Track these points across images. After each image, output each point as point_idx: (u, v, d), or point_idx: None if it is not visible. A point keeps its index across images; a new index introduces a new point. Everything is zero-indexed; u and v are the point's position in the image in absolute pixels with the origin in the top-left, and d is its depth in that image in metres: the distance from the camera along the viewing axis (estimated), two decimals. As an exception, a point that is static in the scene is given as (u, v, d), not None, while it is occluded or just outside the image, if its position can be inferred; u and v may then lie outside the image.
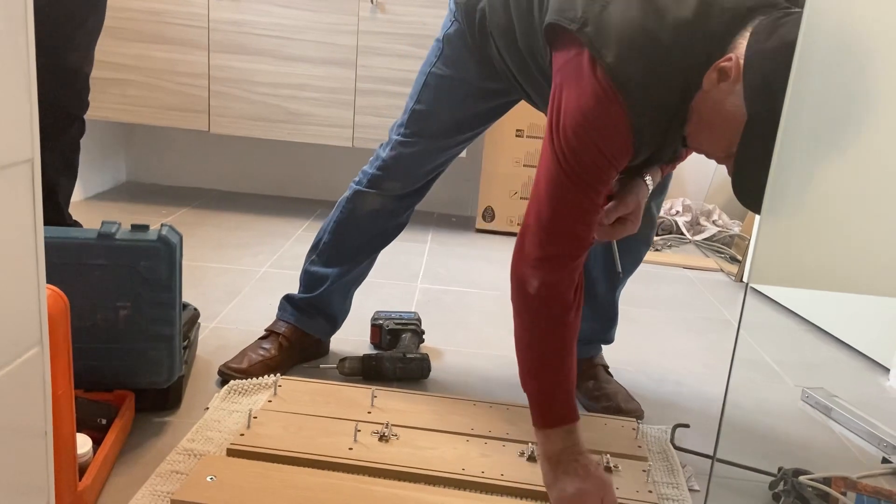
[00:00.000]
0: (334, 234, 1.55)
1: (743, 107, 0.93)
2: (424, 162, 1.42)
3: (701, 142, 1.04)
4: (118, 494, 1.10)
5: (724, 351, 1.91)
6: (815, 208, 0.88)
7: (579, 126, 1.02)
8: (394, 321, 1.70)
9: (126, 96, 2.67)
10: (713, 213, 3.13)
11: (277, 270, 2.20)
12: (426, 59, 1.43)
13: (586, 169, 1.03)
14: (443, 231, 2.84)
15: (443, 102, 1.38)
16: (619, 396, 1.51)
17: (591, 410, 1.50)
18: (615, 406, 1.48)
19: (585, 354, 1.58)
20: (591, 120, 1.01)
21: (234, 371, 1.48)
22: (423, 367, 1.56)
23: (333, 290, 1.57)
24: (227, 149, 3.15)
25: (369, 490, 1.13)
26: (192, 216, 2.74)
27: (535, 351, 1.13)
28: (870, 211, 0.88)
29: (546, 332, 1.11)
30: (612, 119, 1.00)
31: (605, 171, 1.04)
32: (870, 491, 1.22)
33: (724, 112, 0.96)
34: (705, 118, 1.00)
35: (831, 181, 0.87)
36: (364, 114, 2.69)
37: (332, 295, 1.57)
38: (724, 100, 0.96)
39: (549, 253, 1.07)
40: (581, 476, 1.06)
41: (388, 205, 1.51)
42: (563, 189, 1.05)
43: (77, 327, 1.01)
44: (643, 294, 2.32)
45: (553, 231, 1.07)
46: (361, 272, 1.60)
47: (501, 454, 1.27)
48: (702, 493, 1.25)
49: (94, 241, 1.19)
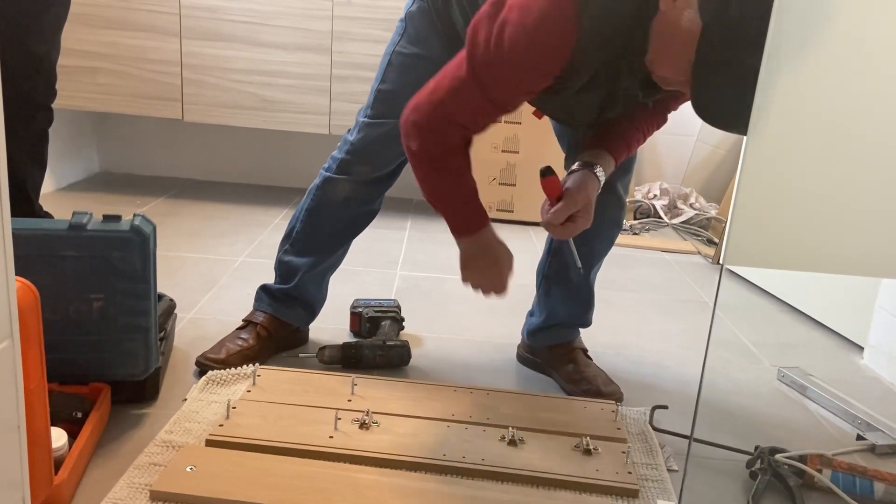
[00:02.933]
0: (306, 222, 1.54)
1: (697, 18, 0.94)
2: (393, 143, 1.41)
3: (663, 68, 1.05)
4: (96, 487, 1.09)
5: (701, 333, 1.93)
6: (790, 190, 0.89)
7: (524, 17, 1.03)
8: (373, 309, 1.70)
9: (96, 84, 2.62)
10: (690, 196, 3.16)
11: (255, 260, 2.18)
12: (390, 39, 1.44)
13: (504, 64, 1.07)
14: (422, 217, 2.83)
15: (408, 81, 1.36)
16: (598, 380, 1.52)
17: (571, 394, 1.51)
18: (595, 389, 1.49)
19: (564, 339, 1.58)
20: (538, 13, 1.03)
21: (211, 362, 1.47)
22: (403, 354, 1.56)
23: (308, 280, 1.56)
24: (201, 137, 3.11)
25: (351, 477, 1.13)
26: (168, 206, 2.71)
27: (431, 186, 1.27)
28: (843, 192, 0.89)
29: (437, 174, 1.26)
30: (559, 20, 1.02)
31: (522, 75, 1.09)
32: (845, 468, 1.24)
33: (681, 28, 0.97)
34: (665, 40, 1.01)
35: (806, 163, 0.88)
36: (340, 100, 2.67)
37: (308, 284, 1.56)
38: (679, 16, 0.97)
39: (428, 126, 1.19)
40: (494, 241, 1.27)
41: (359, 191, 1.50)
42: (464, 85, 1.12)
43: (49, 320, 0.99)
44: (621, 278, 2.33)
45: (439, 115, 1.17)
46: (336, 260, 1.60)
47: (482, 439, 1.27)
48: (680, 472, 1.26)
49: (65, 233, 1.17)
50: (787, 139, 0.85)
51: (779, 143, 0.86)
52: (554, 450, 1.25)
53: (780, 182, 0.88)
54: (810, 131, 0.85)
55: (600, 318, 1.91)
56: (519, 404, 1.40)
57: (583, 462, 1.22)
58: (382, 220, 1.56)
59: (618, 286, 2.24)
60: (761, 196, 0.88)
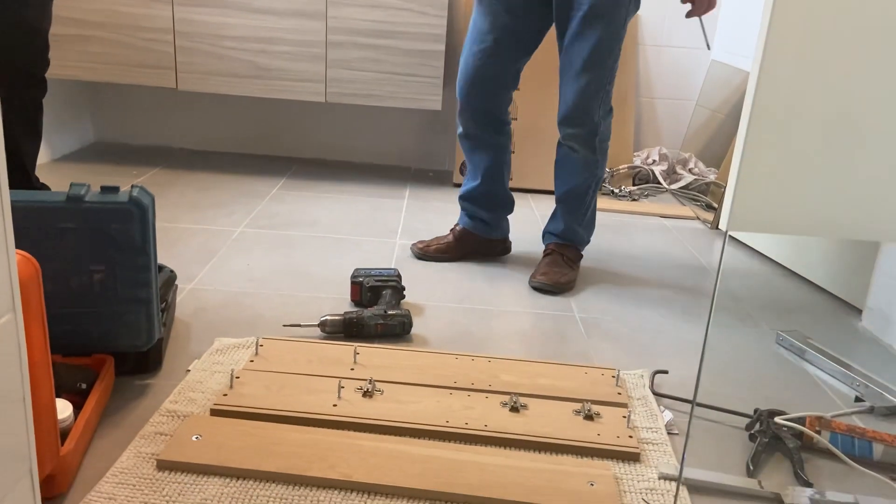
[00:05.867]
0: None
1: None
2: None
3: None
4: (102, 457, 1.10)
5: (700, 297, 1.93)
6: (791, 155, 0.88)
7: None
8: (374, 278, 1.70)
9: (89, 54, 2.58)
10: (689, 161, 3.14)
11: (253, 230, 2.18)
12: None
13: None
14: (420, 186, 2.81)
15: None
16: (539, 272, 1.89)
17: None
18: (534, 277, 1.89)
19: (547, 241, 1.99)
20: None
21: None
22: (404, 323, 1.56)
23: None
24: (197, 106, 3.08)
25: (355, 444, 1.14)
26: (164, 176, 2.69)
27: None
28: (844, 156, 0.89)
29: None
30: None
31: None
32: (843, 429, 1.25)
33: None
34: None
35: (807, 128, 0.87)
36: (336, 67, 2.63)
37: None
38: None
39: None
40: None
41: None
42: None
43: (51, 292, 0.99)
44: (620, 244, 2.33)
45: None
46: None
47: (484, 406, 1.28)
48: (680, 436, 1.28)
49: (63, 205, 1.16)
50: (790, 104, 0.85)
51: (781, 107, 0.85)
52: (556, 415, 1.27)
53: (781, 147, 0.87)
54: (813, 96, 0.85)
55: (599, 283, 1.92)
56: (520, 371, 1.41)
57: (584, 427, 1.24)
58: (381, 188, 1.55)
59: (617, 252, 2.25)
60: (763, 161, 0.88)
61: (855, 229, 0.96)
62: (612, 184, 2.97)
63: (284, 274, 1.86)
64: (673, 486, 1.12)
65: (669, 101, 3.21)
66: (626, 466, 1.16)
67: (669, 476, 1.15)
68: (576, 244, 1.98)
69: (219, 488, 1.04)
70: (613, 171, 3.00)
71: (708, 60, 3.15)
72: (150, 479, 1.05)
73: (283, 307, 1.67)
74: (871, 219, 0.93)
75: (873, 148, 0.88)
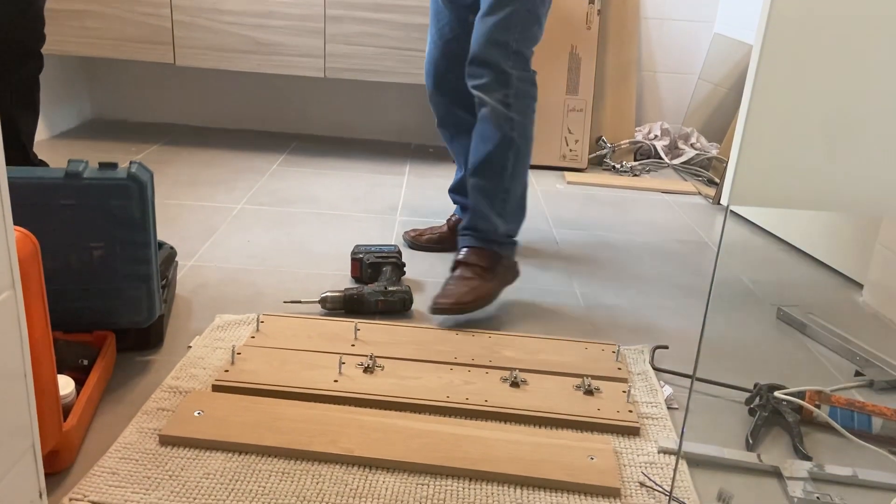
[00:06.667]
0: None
1: None
2: None
3: None
4: (105, 433, 1.10)
5: (701, 273, 1.93)
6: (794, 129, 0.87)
7: None
8: (374, 255, 1.69)
9: (85, 28, 2.55)
10: (691, 136, 3.12)
11: (254, 206, 2.17)
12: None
13: None
14: (420, 162, 2.80)
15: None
16: (441, 291, 1.54)
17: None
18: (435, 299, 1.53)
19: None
20: None
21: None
22: (405, 299, 1.56)
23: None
24: (195, 82, 3.05)
25: (356, 419, 1.14)
26: (163, 153, 2.68)
27: None
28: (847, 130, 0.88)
29: None
30: None
31: None
32: (843, 403, 1.26)
33: None
34: None
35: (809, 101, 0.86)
36: (335, 42, 2.61)
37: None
38: None
39: None
40: None
41: None
42: None
43: (51, 269, 0.99)
44: (621, 219, 2.33)
45: None
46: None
47: (485, 381, 1.28)
48: (680, 411, 1.28)
49: (62, 181, 1.15)
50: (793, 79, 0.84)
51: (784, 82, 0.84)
52: (556, 390, 1.27)
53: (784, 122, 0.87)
54: (816, 70, 0.84)
55: (600, 259, 1.92)
56: (521, 346, 1.42)
57: (584, 402, 1.24)
58: (381, 165, 1.54)
59: (618, 228, 2.24)
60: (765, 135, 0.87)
61: (857, 203, 0.95)
62: (613, 159, 2.95)
63: (285, 250, 1.86)
64: (672, 460, 1.13)
65: (671, 75, 3.18)
66: (626, 441, 1.17)
67: (669, 450, 1.15)
68: (490, 248, 1.61)
69: (221, 463, 1.04)
70: (615, 147, 2.98)
71: (711, 33, 3.12)
72: (153, 454, 1.05)
73: (284, 283, 1.67)
74: (873, 193, 0.93)
75: (876, 122, 0.87)
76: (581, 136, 2.89)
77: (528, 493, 1.03)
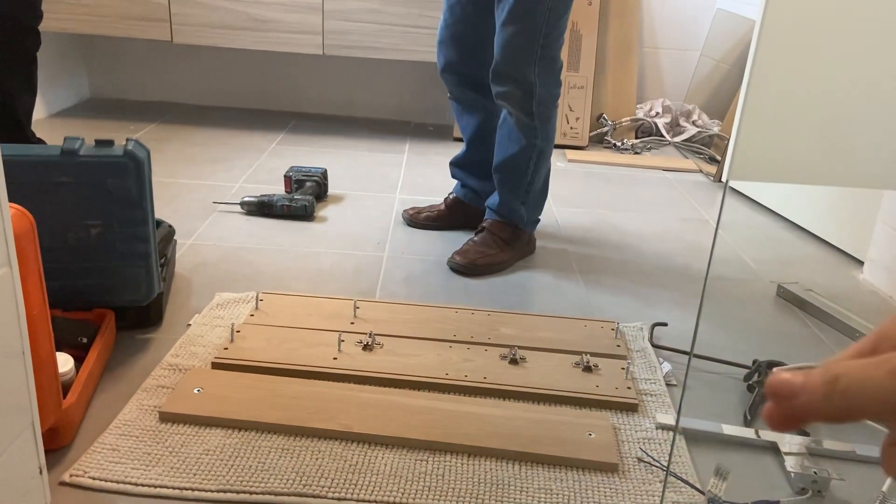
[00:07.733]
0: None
1: None
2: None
3: None
4: (105, 410, 1.11)
5: (701, 250, 1.93)
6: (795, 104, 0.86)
7: None
8: (301, 173, 2.05)
9: (82, 5, 2.53)
10: (693, 113, 3.10)
11: (252, 185, 2.16)
12: None
13: None
14: (420, 140, 2.79)
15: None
16: (459, 249, 1.71)
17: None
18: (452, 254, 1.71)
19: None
20: None
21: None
22: (306, 206, 1.88)
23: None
24: (193, 60, 3.03)
25: (355, 396, 1.15)
26: (161, 131, 2.67)
27: None
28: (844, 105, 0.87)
29: None
30: None
31: None
32: (840, 379, 1.26)
33: None
34: None
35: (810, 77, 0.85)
36: (334, 19, 2.58)
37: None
38: None
39: None
40: None
41: None
42: None
43: (49, 247, 0.99)
44: (622, 197, 2.32)
45: None
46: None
47: (484, 358, 1.29)
48: (679, 387, 1.28)
49: (58, 159, 1.15)
50: (793, 53, 0.83)
51: (785, 57, 0.83)
52: (555, 367, 1.27)
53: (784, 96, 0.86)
54: (816, 45, 0.83)
55: (600, 237, 1.91)
56: (520, 324, 1.42)
57: (583, 378, 1.24)
58: (381, 143, 1.53)
59: (618, 205, 2.23)
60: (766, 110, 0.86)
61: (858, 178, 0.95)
62: (614, 137, 2.93)
63: (283, 229, 1.86)
64: (670, 436, 1.13)
65: (673, 51, 3.15)
66: (625, 417, 1.17)
67: (667, 426, 1.16)
68: (514, 223, 1.76)
69: (221, 439, 1.05)
70: (616, 124, 2.96)
71: (713, 9, 3.08)
72: (153, 430, 1.06)
73: (282, 262, 1.67)
74: (872, 167, 0.92)
75: (875, 98, 0.86)
76: (582, 114, 2.87)
77: (527, 468, 1.04)
